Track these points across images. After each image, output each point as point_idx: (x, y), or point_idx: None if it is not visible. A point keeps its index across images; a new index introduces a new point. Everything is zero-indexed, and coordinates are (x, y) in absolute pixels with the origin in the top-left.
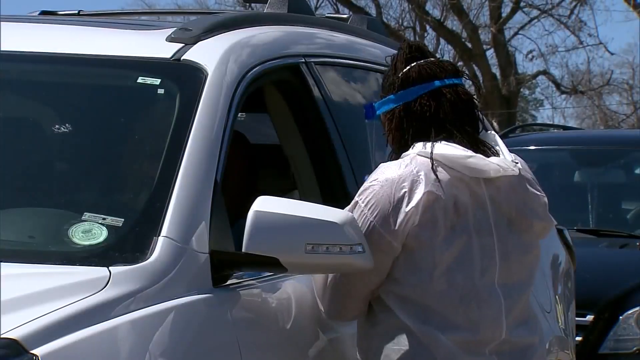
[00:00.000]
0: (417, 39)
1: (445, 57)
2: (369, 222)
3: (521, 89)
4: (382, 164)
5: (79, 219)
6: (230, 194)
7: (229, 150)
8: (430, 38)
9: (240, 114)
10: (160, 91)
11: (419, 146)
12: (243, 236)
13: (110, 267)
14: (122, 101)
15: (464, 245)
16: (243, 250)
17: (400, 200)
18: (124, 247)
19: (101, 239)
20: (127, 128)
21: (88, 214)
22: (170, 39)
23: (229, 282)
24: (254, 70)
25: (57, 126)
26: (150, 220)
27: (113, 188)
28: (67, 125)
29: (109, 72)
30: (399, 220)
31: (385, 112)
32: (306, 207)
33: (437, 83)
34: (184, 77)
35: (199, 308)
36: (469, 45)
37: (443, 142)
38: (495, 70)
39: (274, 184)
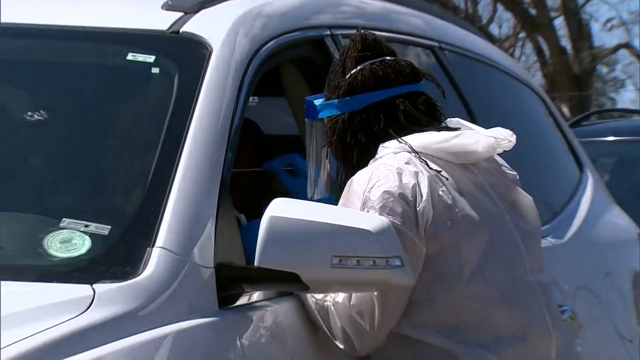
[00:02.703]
0: (468, 7)
1: (504, 28)
2: (395, 228)
3: (597, 66)
4: (359, 173)
5: (56, 225)
6: (241, 195)
7: (239, 143)
8: (484, 4)
9: (252, 98)
10: (155, 70)
11: (390, 145)
12: (255, 247)
13: (94, 285)
14: (109, 83)
15: (486, 237)
16: (255, 264)
17: (413, 197)
18: (111, 260)
19: (83, 250)
20: (114, 116)
21: (67, 219)
22: (167, 7)
23: (238, 302)
24: (268, 45)
25: (30, 113)
26: (143, 227)
27: (98, 188)
28: (42, 112)
29: (93, 47)
30: (419, 219)
31: (328, 118)
32: (332, 211)
33: (388, 92)
34: (184, 54)
35: (202, 334)
36: (533, 12)
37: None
38: (565, 43)
39: None
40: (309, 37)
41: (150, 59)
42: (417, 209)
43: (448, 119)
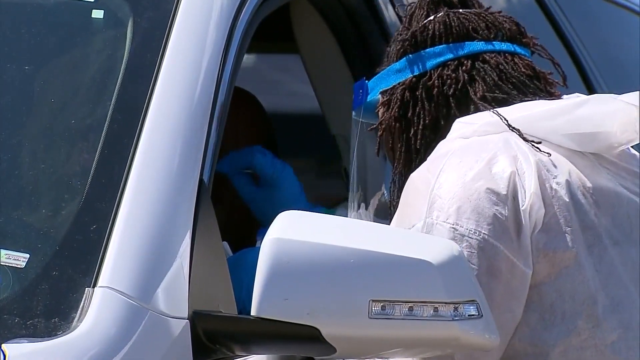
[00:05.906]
0: None
1: None
2: (481, 241)
3: None
4: (422, 166)
5: None
6: (231, 206)
7: (227, 128)
8: None
9: (246, 56)
10: (97, 14)
11: (472, 120)
12: (251, 288)
13: (4, 345)
14: (25, 33)
15: (623, 260)
16: (252, 313)
17: (511, 192)
18: (30, 307)
19: None
20: (35, 85)
21: None
22: None
23: None
24: None
25: None
26: (80, 256)
27: (9, 197)
28: None
29: None
30: (522, 224)
31: (382, 94)
32: (369, 232)
33: (473, 45)
34: None
35: None
36: None
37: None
38: None
39: (310, 185)
40: None
41: None
42: (521, 207)
43: (564, 96)
